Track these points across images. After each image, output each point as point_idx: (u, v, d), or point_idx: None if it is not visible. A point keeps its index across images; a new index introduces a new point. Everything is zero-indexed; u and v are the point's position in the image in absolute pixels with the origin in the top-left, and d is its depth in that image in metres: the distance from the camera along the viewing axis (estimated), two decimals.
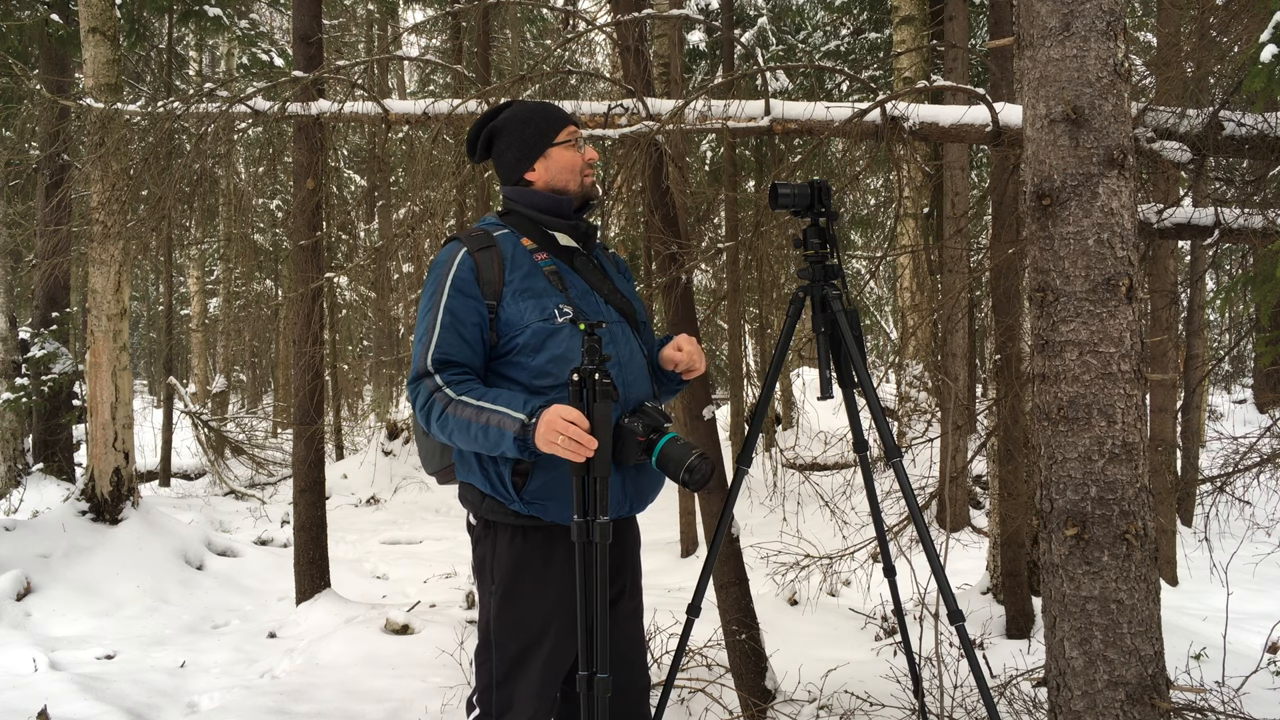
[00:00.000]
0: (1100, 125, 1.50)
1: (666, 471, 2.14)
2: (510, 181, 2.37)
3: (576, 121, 2.40)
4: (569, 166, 2.33)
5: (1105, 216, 1.51)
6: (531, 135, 2.33)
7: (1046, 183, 1.54)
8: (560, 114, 2.38)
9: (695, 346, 2.39)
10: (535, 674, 2.21)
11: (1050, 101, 1.52)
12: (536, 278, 2.23)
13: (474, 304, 2.19)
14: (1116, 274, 1.51)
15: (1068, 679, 1.59)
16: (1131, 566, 1.53)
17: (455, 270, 2.20)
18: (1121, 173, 1.51)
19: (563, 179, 2.33)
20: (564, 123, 2.35)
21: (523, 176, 2.34)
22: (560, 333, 2.18)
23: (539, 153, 2.32)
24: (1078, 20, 1.49)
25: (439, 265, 2.25)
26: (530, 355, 2.18)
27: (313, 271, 5.28)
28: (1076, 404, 1.55)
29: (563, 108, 2.44)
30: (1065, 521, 1.57)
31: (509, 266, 2.23)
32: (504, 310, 2.19)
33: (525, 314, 2.18)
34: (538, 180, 2.33)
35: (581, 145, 2.37)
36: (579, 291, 2.27)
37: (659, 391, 2.41)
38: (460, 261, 2.21)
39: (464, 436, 2.12)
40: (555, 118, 2.36)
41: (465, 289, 2.19)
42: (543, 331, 2.17)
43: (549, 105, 2.42)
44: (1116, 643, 1.54)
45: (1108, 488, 1.54)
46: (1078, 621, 1.57)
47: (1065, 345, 1.55)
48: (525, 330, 2.18)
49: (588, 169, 2.36)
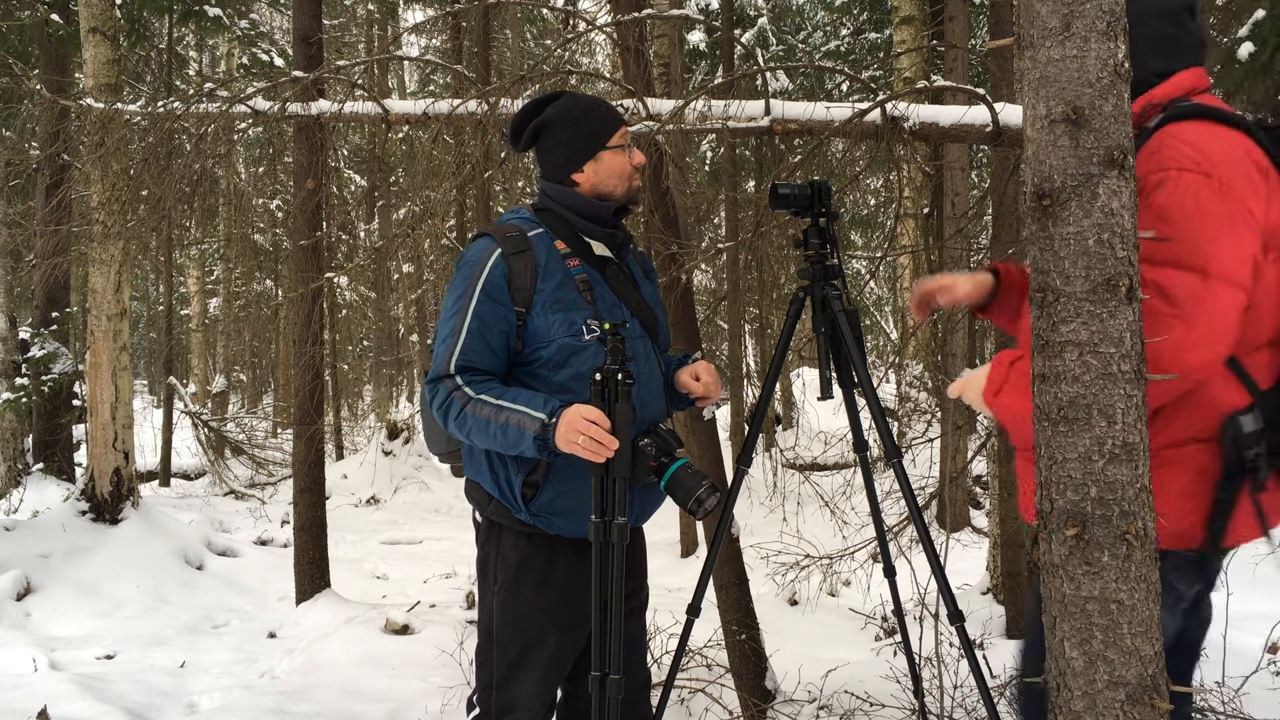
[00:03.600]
0: (1100, 125, 1.50)
1: (675, 498, 2.10)
2: (554, 179, 2.27)
3: (627, 122, 2.31)
4: (618, 171, 2.24)
5: (1105, 217, 1.51)
6: (584, 135, 2.23)
7: (1046, 183, 1.54)
8: (614, 114, 2.28)
9: (714, 376, 2.32)
10: (536, 674, 2.21)
11: (1050, 102, 1.52)
12: (568, 288, 2.16)
13: (503, 311, 2.13)
14: (1116, 274, 1.51)
15: (1068, 679, 1.59)
16: (1131, 567, 1.53)
17: (487, 274, 2.13)
18: (1122, 173, 1.51)
19: (610, 184, 2.24)
20: (617, 124, 2.26)
21: (569, 176, 2.25)
22: (585, 350, 2.13)
23: (590, 155, 2.23)
24: (1078, 20, 1.49)
25: (470, 264, 2.17)
26: (553, 370, 2.14)
27: (313, 271, 5.28)
28: (1076, 404, 1.55)
29: (614, 106, 2.34)
30: (1065, 522, 1.57)
31: (542, 275, 2.15)
32: (532, 320, 2.13)
33: (553, 328, 2.12)
34: (584, 182, 2.24)
35: (631, 149, 2.28)
36: (607, 304, 2.21)
37: (670, 410, 2.39)
38: (493, 265, 2.14)
39: (483, 435, 2.08)
40: (609, 118, 2.26)
41: (496, 295, 2.12)
42: (568, 348, 2.13)
43: (602, 103, 2.31)
44: (1117, 643, 1.54)
45: (1108, 488, 1.54)
46: (1078, 622, 1.57)
47: (1065, 345, 1.55)
48: (551, 345, 2.13)
49: (635, 174, 2.28)
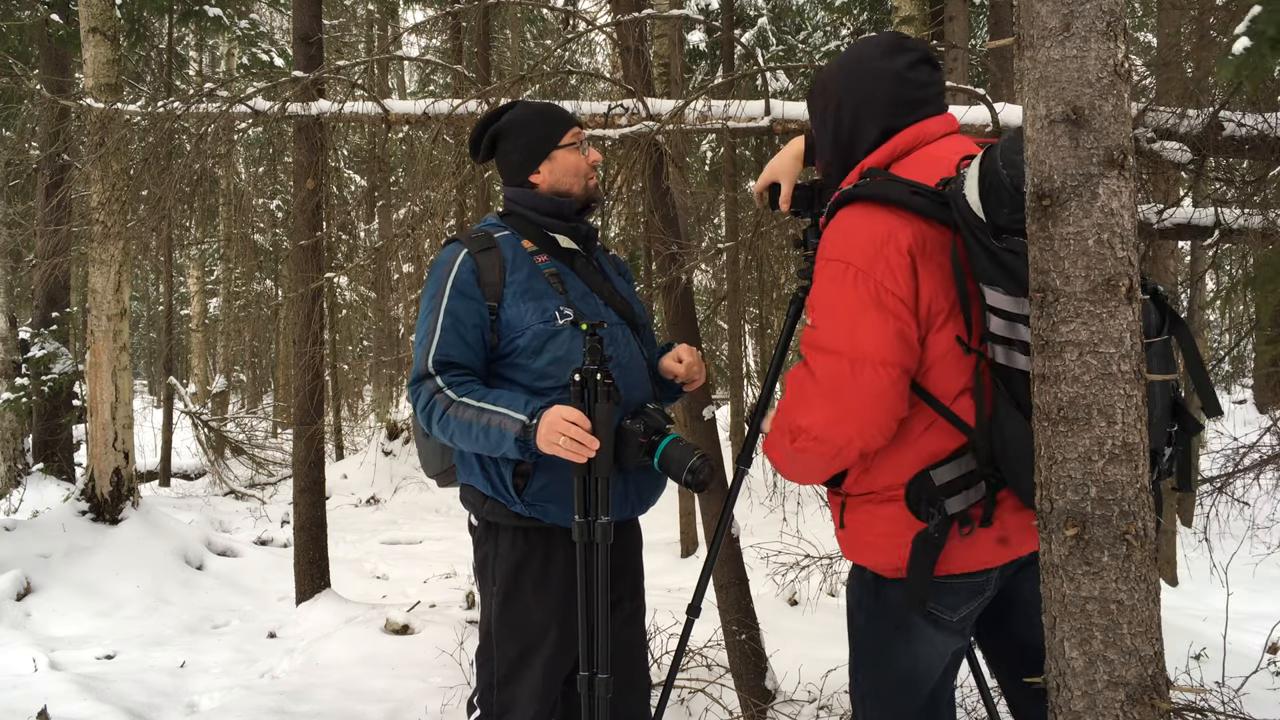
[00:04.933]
0: (1100, 125, 1.50)
1: (668, 473, 2.14)
2: (514, 183, 2.36)
3: (580, 123, 2.40)
4: (573, 169, 2.32)
5: (1105, 217, 1.51)
6: (536, 137, 2.32)
7: (1046, 183, 1.54)
8: (565, 116, 2.37)
9: (695, 357, 2.38)
10: (536, 675, 2.21)
11: (1050, 102, 1.52)
12: (537, 280, 2.23)
13: (475, 305, 2.18)
14: (1116, 274, 1.51)
15: (1068, 679, 1.59)
16: (1131, 567, 1.53)
17: (456, 272, 2.20)
18: (1121, 173, 1.51)
19: (567, 181, 2.32)
20: (568, 125, 2.35)
21: (527, 178, 2.33)
22: (560, 335, 2.18)
23: (543, 155, 2.32)
24: (1078, 20, 1.49)
25: (439, 266, 2.25)
26: (531, 357, 2.17)
27: (313, 271, 5.28)
28: (1076, 404, 1.55)
29: (566, 109, 2.44)
30: (1065, 522, 1.57)
31: (509, 268, 2.22)
32: (504, 312, 2.19)
33: (526, 316, 2.18)
34: (541, 182, 2.32)
35: (585, 147, 2.36)
36: (579, 294, 2.27)
37: (660, 394, 2.41)
38: (461, 263, 2.21)
39: (465, 438, 2.12)
40: (560, 119, 2.35)
41: (466, 290, 2.19)
42: (543, 334, 2.17)
43: (553, 106, 2.42)
44: (1116, 643, 1.54)
45: (1108, 488, 1.54)
46: (1078, 622, 1.57)
47: (1065, 345, 1.55)
48: (525, 332, 2.17)
49: (591, 171, 2.36)
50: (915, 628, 1.94)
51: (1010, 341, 1.73)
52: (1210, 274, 10.04)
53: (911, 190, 1.79)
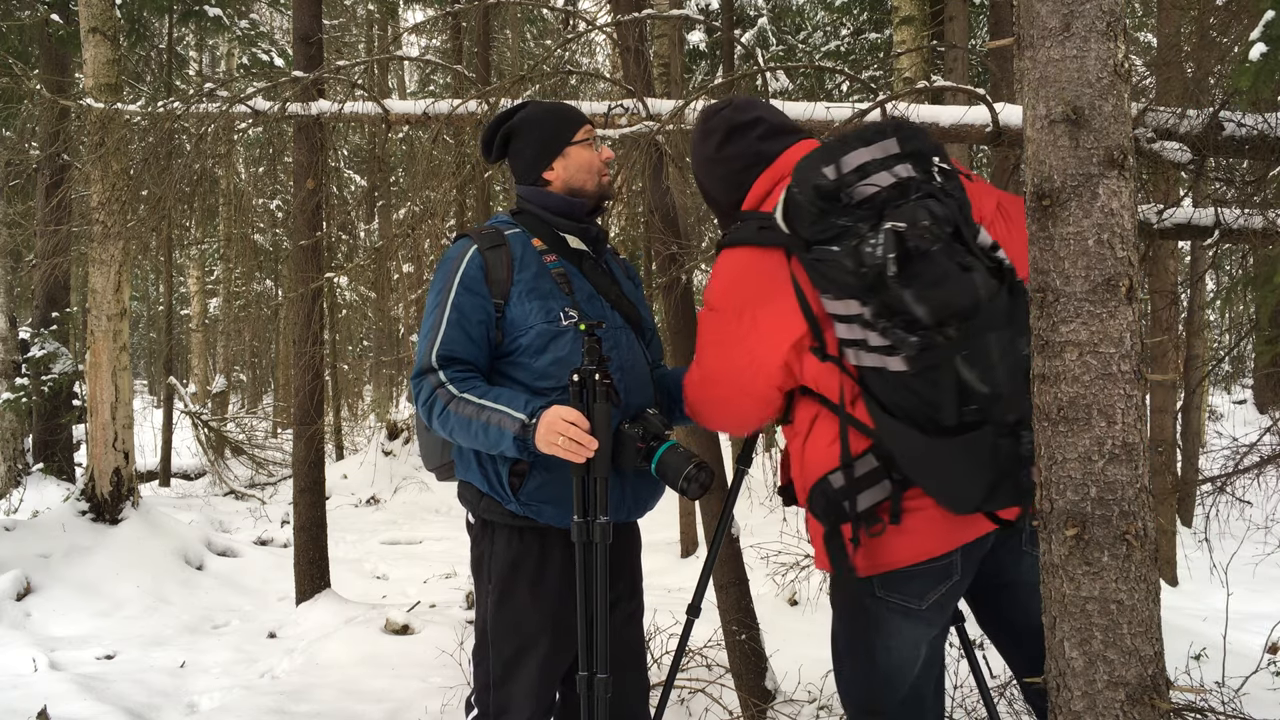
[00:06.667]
0: (1100, 125, 1.50)
1: (665, 479, 2.13)
2: (527, 181, 2.35)
3: (593, 121, 2.41)
4: (587, 166, 2.33)
5: (1105, 217, 1.51)
6: (550, 134, 2.32)
7: (1046, 183, 1.54)
8: (577, 114, 2.38)
9: None
10: (532, 674, 2.21)
11: (1050, 102, 1.52)
12: (544, 279, 2.23)
13: (481, 301, 2.19)
14: (1116, 274, 1.51)
15: (1068, 679, 1.59)
16: (1131, 567, 1.53)
17: (464, 267, 2.20)
18: (1121, 173, 1.51)
19: (580, 178, 2.32)
20: (581, 122, 2.35)
21: (540, 176, 2.33)
22: (564, 335, 2.18)
23: (557, 152, 2.32)
24: (1078, 20, 1.49)
25: (448, 261, 2.25)
26: (533, 357, 2.18)
27: (313, 271, 5.28)
28: (1076, 404, 1.55)
29: (579, 108, 2.45)
30: (1065, 522, 1.57)
31: (518, 266, 2.22)
32: (510, 310, 2.19)
33: (530, 315, 2.18)
34: (555, 180, 2.32)
35: (598, 145, 2.37)
36: (585, 295, 2.27)
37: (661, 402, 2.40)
38: (470, 259, 2.21)
39: (464, 434, 2.12)
40: (573, 117, 2.36)
41: (473, 286, 2.19)
42: (547, 334, 2.17)
43: (566, 105, 2.43)
44: (1116, 643, 1.54)
45: (1108, 488, 1.54)
46: (1078, 622, 1.57)
47: (1065, 345, 1.55)
48: (529, 331, 2.17)
49: (605, 168, 2.37)
50: (885, 623, 1.99)
51: (855, 342, 1.83)
52: (1210, 274, 10.05)
53: (760, 226, 1.98)
